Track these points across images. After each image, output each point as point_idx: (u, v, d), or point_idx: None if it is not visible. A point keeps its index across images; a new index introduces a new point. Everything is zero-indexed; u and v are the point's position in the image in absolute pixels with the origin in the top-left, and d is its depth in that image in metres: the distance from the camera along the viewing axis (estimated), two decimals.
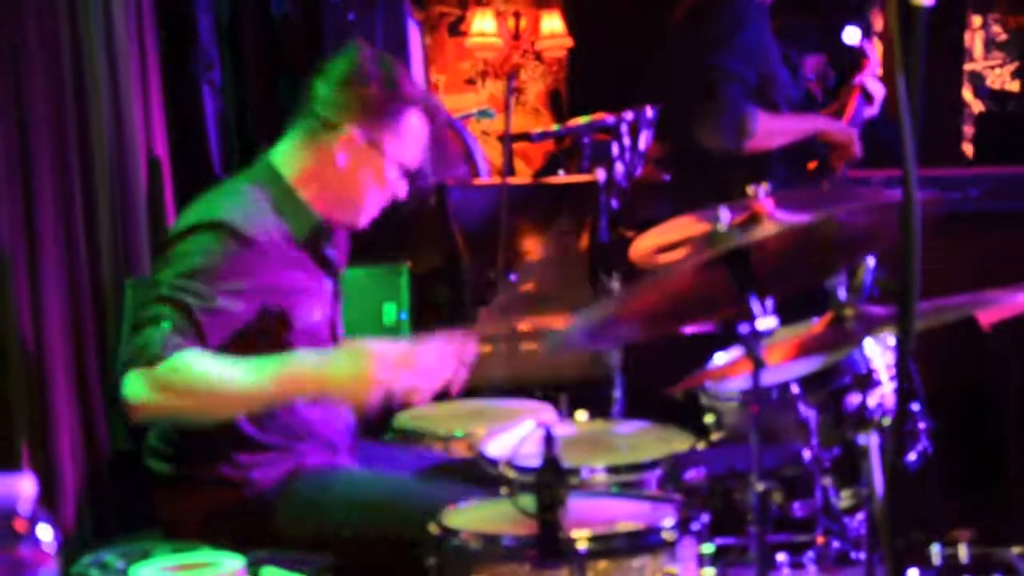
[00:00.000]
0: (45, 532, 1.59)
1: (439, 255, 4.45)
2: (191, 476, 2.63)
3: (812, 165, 4.17)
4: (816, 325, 2.47)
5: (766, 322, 2.21)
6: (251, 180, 2.68)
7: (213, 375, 2.40)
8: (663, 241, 2.64)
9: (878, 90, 4.31)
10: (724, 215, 2.34)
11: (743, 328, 2.21)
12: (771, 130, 3.94)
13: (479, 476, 2.64)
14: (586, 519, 2.18)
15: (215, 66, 4.46)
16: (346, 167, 2.66)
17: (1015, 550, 2.49)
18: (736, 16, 3.94)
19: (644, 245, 2.70)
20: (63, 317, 3.24)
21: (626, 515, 2.23)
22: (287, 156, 2.70)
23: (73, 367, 3.29)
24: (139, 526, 2.77)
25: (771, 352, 2.33)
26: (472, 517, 2.29)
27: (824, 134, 4.12)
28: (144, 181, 3.77)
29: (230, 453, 2.62)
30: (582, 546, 2.10)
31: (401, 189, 2.74)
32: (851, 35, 4.33)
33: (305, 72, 2.74)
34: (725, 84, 3.86)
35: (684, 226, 2.67)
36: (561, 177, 4.80)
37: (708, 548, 2.23)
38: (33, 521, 1.59)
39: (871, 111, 4.30)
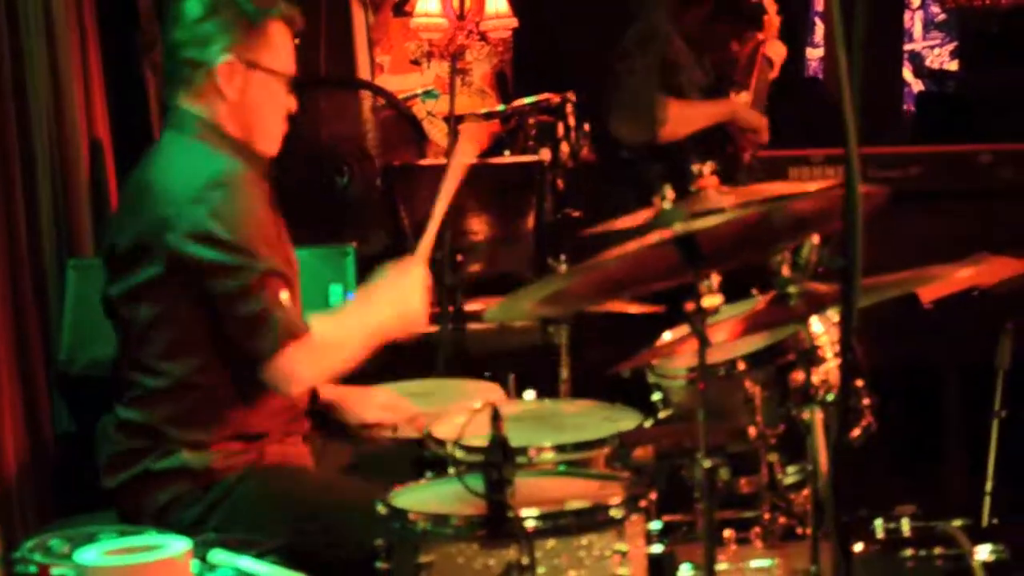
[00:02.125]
0: None
1: (385, 236, 4.43)
2: (151, 463, 2.60)
3: (730, 150, 4.14)
4: (761, 302, 2.47)
5: (712, 300, 2.21)
6: (190, 134, 2.65)
7: (341, 328, 2.61)
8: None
9: (778, 53, 4.29)
10: (668, 194, 2.33)
11: (689, 306, 2.21)
12: (682, 117, 3.92)
13: (427, 457, 2.62)
14: (534, 498, 2.18)
15: (157, 46, 4.40)
16: (238, 96, 2.63)
17: (955, 523, 2.52)
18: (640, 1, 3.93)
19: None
20: (4, 299, 3.20)
21: (574, 493, 2.23)
22: (194, 106, 2.66)
23: (15, 350, 3.24)
24: (85, 510, 2.74)
25: (717, 330, 2.33)
26: (420, 497, 2.28)
27: (736, 119, 4.09)
28: (86, 163, 3.72)
29: (186, 443, 2.60)
30: (530, 525, 2.09)
31: (291, 102, 2.72)
32: None
33: None
34: (630, 72, 3.83)
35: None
36: (507, 157, 4.79)
37: (656, 525, 2.23)
38: None
39: (772, 74, 4.27)
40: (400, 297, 2.70)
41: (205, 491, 2.58)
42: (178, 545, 2.01)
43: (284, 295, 2.54)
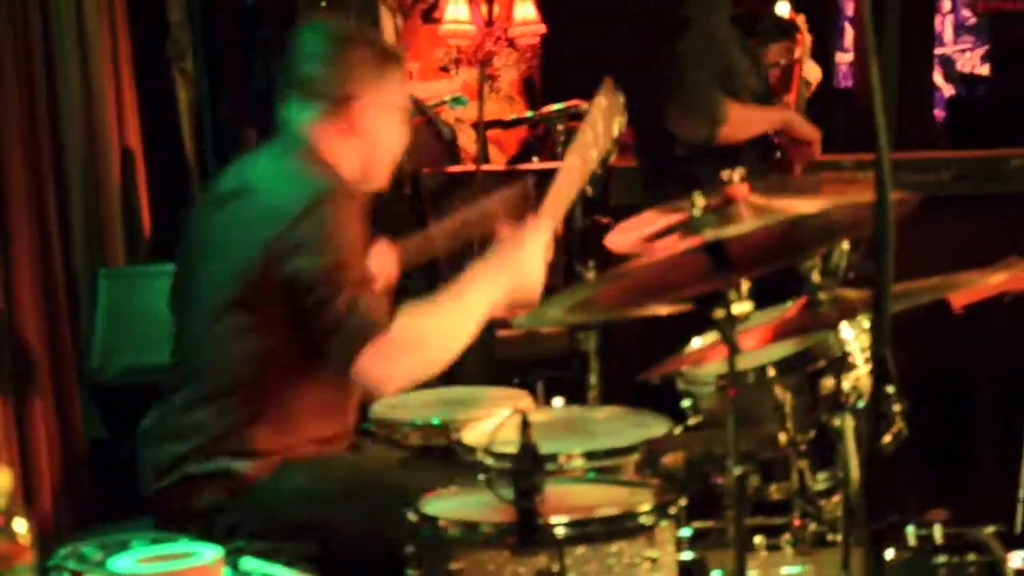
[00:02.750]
0: (20, 525, 1.58)
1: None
2: (194, 467, 2.62)
3: (776, 159, 4.11)
4: (791, 309, 2.47)
5: (741, 306, 2.21)
6: (293, 151, 2.67)
7: (430, 318, 2.54)
8: (641, 232, 2.63)
9: (814, 76, 4.27)
10: (698, 201, 2.33)
11: (718, 313, 2.21)
12: (742, 120, 3.89)
13: (457, 464, 2.63)
14: (564, 505, 2.18)
15: (188, 54, 4.43)
16: (371, 132, 2.67)
17: (988, 530, 2.50)
18: (705, 1, 3.90)
19: (622, 236, 2.70)
20: (37, 309, 3.22)
21: (604, 500, 2.23)
22: (309, 131, 2.68)
23: (48, 358, 3.27)
24: (119, 516, 2.76)
25: (747, 336, 2.33)
26: (450, 504, 2.29)
27: (790, 128, 4.06)
28: (117, 171, 3.75)
29: (232, 451, 2.61)
30: (560, 532, 2.09)
31: (405, 135, 2.75)
32: (781, 9, 4.27)
33: (279, 58, 2.72)
34: (695, 71, 3.81)
35: (658, 217, 2.67)
36: (535, 164, 4.78)
37: (686, 532, 2.23)
38: (8, 514, 1.57)
39: (808, 94, 4.25)
40: (513, 270, 2.64)
41: (243, 494, 2.60)
42: (210, 553, 2.02)
43: (364, 300, 2.52)
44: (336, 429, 2.73)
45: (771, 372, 2.53)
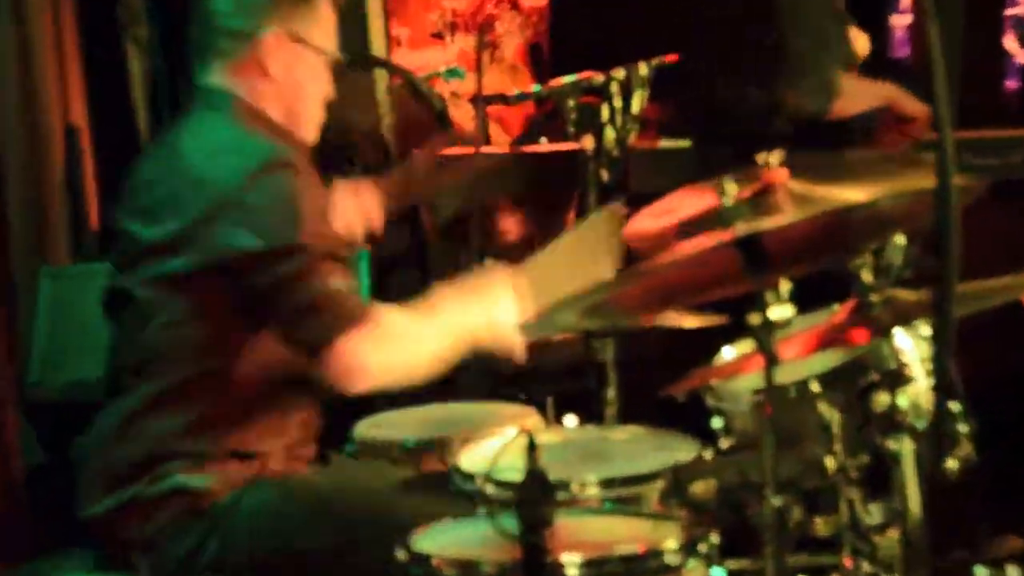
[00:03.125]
0: None
1: (404, 237, 4.44)
2: (143, 488, 2.62)
3: (874, 136, 4.10)
4: (838, 313, 2.47)
5: (781, 310, 2.21)
6: (225, 113, 2.70)
7: (414, 324, 2.62)
8: (663, 223, 2.64)
9: (859, 44, 4.27)
10: (730, 187, 2.34)
11: (754, 318, 2.21)
12: (854, 92, 3.91)
13: (453, 492, 2.64)
14: (577, 541, 2.18)
15: (141, 19, 4.44)
16: (282, 74, 2.70)
17: None
18: None
19: (641, 227, 2.70)
20: None
21: (623, 536, 2.23)
22: (230, 83, 2.71)
23: None
24: (58, 548, 2.76)
25: (787, 345, 2.33)
26: (446, 540, 2.29)
27: (896, 104, 4.07)
28: (60, 154, 3.76)
29: (186, 459, 2.62)
30: (572, 573, 2.09)
31: (331, 88, 2.78)
32: None
33: None
34: (803, 38, 3.82)
35: (683, 203, 2.67)
36: (543, 145, 4.79)
37: (718, 573, 2.23)
38: None
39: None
40: (492, 324, 2.72)
41: (201, 515, 2.61)
42: None
43: (340, 281, 2.58)
44: (300, 434, 2.73)
45: (815, 386, 2.52)
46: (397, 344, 2.59)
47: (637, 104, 4.38)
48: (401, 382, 2.66)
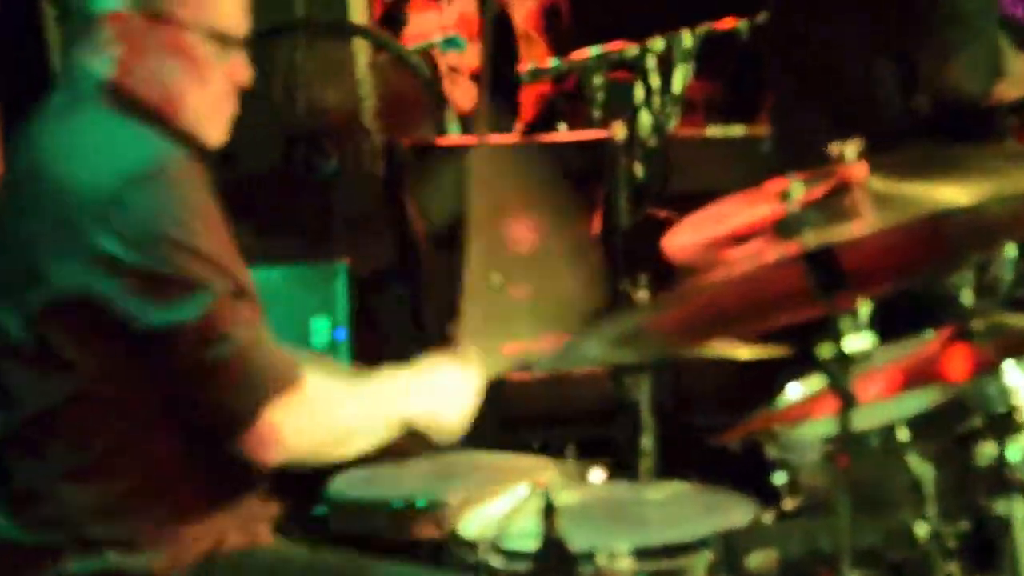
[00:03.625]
0: None
1: (389, 248, 4.44)
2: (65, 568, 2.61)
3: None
4: (932, 343, 2.46)
5: (859, 339, 2.21)
6: (89, 99, 2.66)
7: (338, 395, 2.69)
8: (712, 232, 2.64)
9: None
10: (796, 188, 2.33)
11: (825, 350, 2.20)
12: (1020, 75, 3.91)
13: (451, 566, 2.64)
14: None
15: None
16: (142, 59, 2.66)
17: None
18: None
19: (684, 238, 2.70)
20: None
21: None
22: (92, 63, 2.69)
23: None
24: None
25: (867, 383, 2.32)
26: None
27: None
28: None
29: (125, 527, 2.61)
30: None
31: (241, 73, 2.74)
32: None
33: None
34: (969, 3, 3.81)
35: (736, 208, 2.67)
36: (563, 133, 4.79)
37: None
38: None
39: None
40: (442, 388, 2.82)
41: None
42: None
43: (261, 330, 2.57)
44: (238, 499, 2.73)
45: (903, 434, 2.51)
46: (325, 412, 2.64)
47: (680, 81, 4.39)
48: (328, 453, 2.72)
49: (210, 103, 2.73)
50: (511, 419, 3.44)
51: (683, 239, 2.75)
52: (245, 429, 2.52)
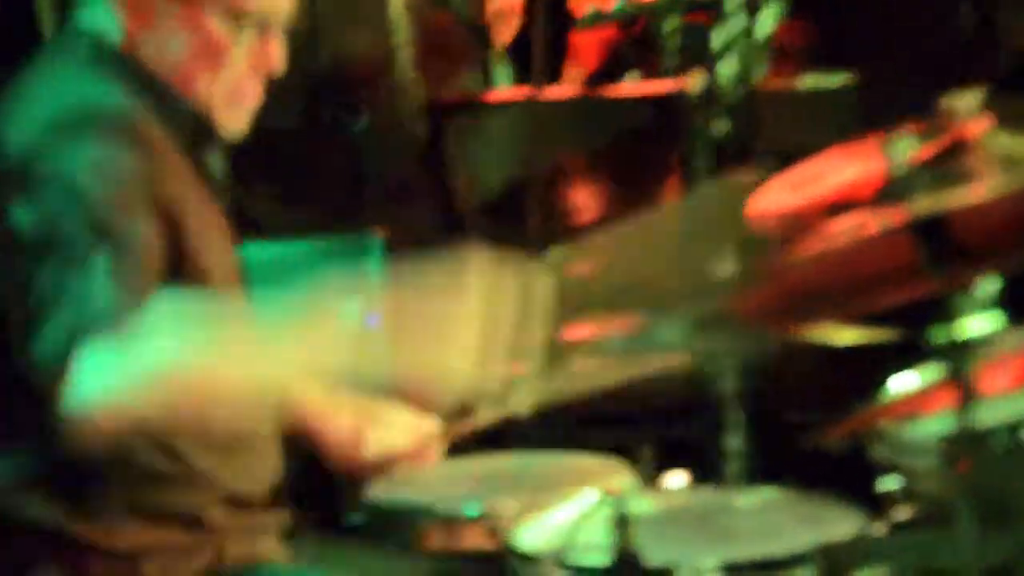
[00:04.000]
0: None
1: (430, 218, 4.46)
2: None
3: None
4: None
5: (980, 323, 2.21)
6: (80, 57, 2.71)
7: (210, 340, 2.38)
8: (806, 197, 2.64)
9: None
10: (904, 145, 2.34)
11: (941, 334, 2.21)
12: None
13: None
14: None
15: None
16: (154, 32, 2.71)
17: None
18: None
19: (775, 203, 2.71)
20: None
21: None
22: (93, 22, 2.74)
23: None
24: None
25: (993, 372, 2.32)
26: None
27: None
28: None
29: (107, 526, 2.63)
30: None
31: (272, 55, 2.76)
32: None
33: None
34: None
35: (835, 168, 2.68)
36: (631, 85, 4.79)
37: None
38: None
39: None
40: (422, 317, 2.50)
41: None
42: None
43: (109, 268, 2.45)
44: (234, 503, 2.75)
45: None
46: (175, 369, 2.36)
47: (767, 25, 4.39)
48: (178, 423, 2.47)
49: (226, 89, 2.77)
50: (577, 415, 3.44)
51: (771, 206, 2.75)
52: (53, 378, 2.37)
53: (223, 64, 2.75)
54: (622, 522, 2.16)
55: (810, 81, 4.53)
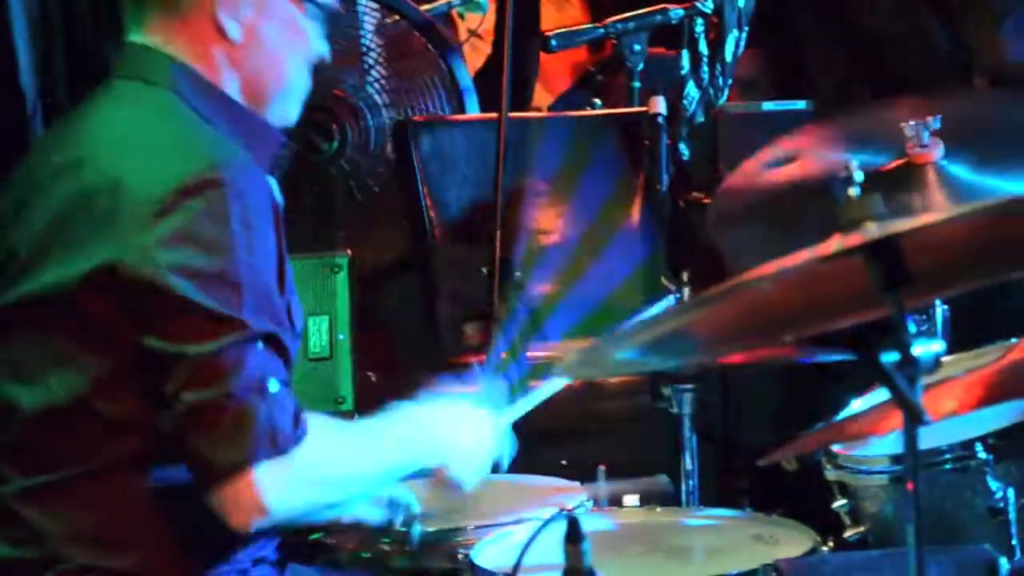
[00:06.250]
0: None
1: (399, 238, 4.45)
2: None
3: None
4: (1015, 349, 2.46)
5: (930, 345, 2.21)
6: (158, 85, 2.70)
7: (349, 451, 2.73)
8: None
9: None
10: (853, 168, 2.33)
11: (891, 356, 2.20)
12: None
13: None
14: None
15: None
16: (243, 35, 2.71)
17: None
18: None
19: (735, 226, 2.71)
20: None
21: None
22: (167, 43, 2.72)
23: None
24: None
25: (940, 395, 2.32)
26: None
27: None
28: None
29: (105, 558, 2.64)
30: None
31: (322, 45, 2.82)
32: None
33: None
34: None
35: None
36: (598, 109, 4.79)
37: None
38: None
39: None
40: (460, 431, 2.87)
41: None
42: None
43: (275, 382, 2.55)
44: (223, 552, 2.76)
45: (982, 453, 2.52)
46: (320, 480, 2.65)
47: (732, 48, 4.39)
48: (321, 516, 2.83)
49: (296, 83, 2.81)
50: (533, 434, 3.43)
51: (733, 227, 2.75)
52: (220, 484, 2.52)
53: (304, 71, 2.81)
54: (575, 540, 2.15)
55: (772, 105, 4.53)
